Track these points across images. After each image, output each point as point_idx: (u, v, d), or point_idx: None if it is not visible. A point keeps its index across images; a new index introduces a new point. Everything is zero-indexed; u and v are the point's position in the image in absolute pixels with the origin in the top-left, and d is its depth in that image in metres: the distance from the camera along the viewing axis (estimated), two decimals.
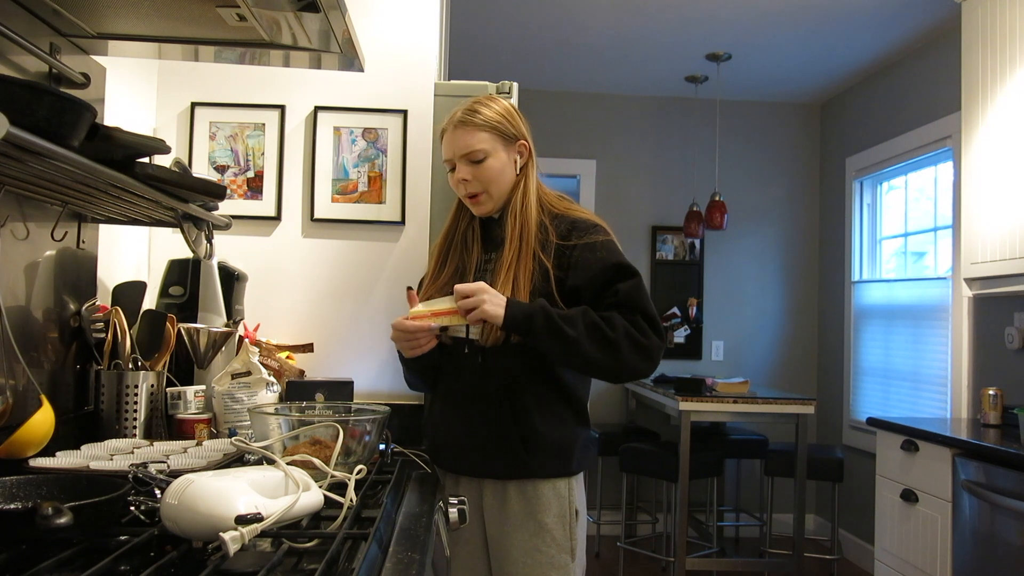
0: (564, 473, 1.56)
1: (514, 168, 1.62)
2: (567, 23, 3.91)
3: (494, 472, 1.56)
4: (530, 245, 1.56)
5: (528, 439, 1.53)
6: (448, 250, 1.68)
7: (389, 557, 1.02)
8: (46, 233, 1.50)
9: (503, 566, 1.54)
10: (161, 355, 1.69)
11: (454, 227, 1.69)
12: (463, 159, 1.59)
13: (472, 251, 1.66)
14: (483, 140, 1.58)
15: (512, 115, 1.63)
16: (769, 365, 4.99)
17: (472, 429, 1.57)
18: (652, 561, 4.30)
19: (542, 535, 1.52)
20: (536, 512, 1.53)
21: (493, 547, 1.56)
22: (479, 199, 1.60)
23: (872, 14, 3.68)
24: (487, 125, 1.58)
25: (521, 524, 1.53)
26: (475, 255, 1.65)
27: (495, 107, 1.61)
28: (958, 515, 2.58)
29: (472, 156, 1.58)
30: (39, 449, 1.30)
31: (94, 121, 1.16)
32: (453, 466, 1.63)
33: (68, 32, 1.51)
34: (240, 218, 2.05)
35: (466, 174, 1.59)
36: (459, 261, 1.66)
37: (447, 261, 1.67)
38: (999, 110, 2.88)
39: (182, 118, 2.13)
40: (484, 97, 1.64)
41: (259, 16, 1.39)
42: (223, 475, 1.00)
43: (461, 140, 1.59)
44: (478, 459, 1.57)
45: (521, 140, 1.63)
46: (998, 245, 2.86)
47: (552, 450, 1.55)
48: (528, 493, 1.54)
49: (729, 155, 4.99)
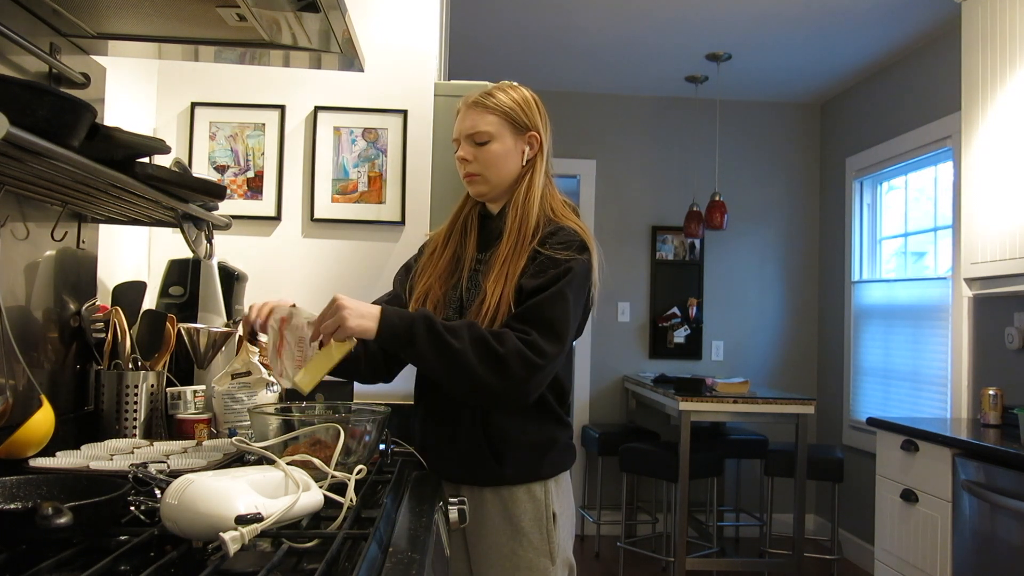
0: (538, 477, 1.54)
1: (520, 158, 1.58)
2: (567, 23, 3.91)
3: (469, 478, 1.55)
4: (527, 241, 1.52)
5: (500, 447, 1.51)
6: (449, 235, 1.66)
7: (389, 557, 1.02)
8: (46, 233, 1.50)
9: (483, 571, 1.53)
10: (161, 355, 1.69)
11: (459, 213, 1.67)
12: (468, 139, 1.57)
13: (469, 241, 1.63)
14: (491, 123, 1.56)
15: (529, 105, 1.60)
16: (769, 365, 4.99)
17: (447, 436, 1.55)
18: (652, 561, 4.30)
19: (519, 539, 1.51)
20: (512, 517, 1.51)
21: (473, 552, 1.55)
22: (475, 179, 1.58)
23: (872, 14, 3.68)
24: (499, 109, 1.56)
25: (499, 528, 1.52)
26: (471, 248, 1.62)
27: (512, 94, 1.59)
28: (958, 515, 2.58)
29: (476, 137, 1.56)
30: (39, 449, 1.30)
31: (94, 121, 1.16)
32: (434, 469, 1.62)
33: (68, 32, 1.51)
34: (240, 218, 2.05)
35: (467, 154, 1.57)
36: (457, 247, 1.64)
37: (447, 245, 1.64)
38: (999, 110, 2.88)
39: (182, 118, 2.13)
40: (506, 84, 1.62)
41: (259, 16, 1.39)
42: (223, 475, 1.00)
43: (469, 120, 1.57)
44: (454, 466, 1.56)
45: (532, 132, 1.59)
46: (998, 245, 2.86)
47: (525, 456, 1.53)
48: (504, 497, 1.53)
49: (729, 155, 4.99)
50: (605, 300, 4.97)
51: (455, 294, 1.58)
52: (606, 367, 4.98)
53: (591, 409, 4.96)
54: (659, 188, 5.01)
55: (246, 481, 1.00)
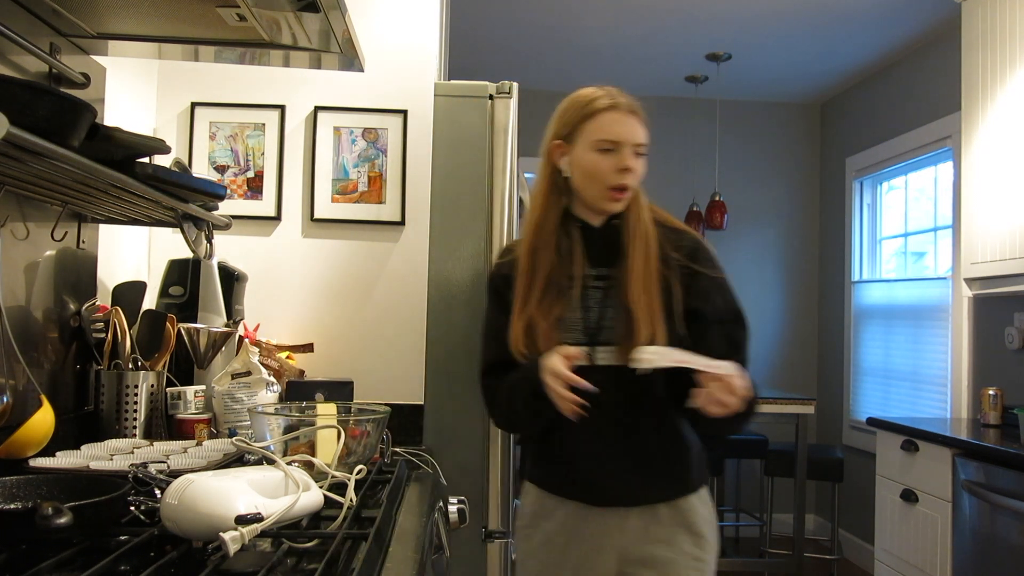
0: (705, 481, 1.55)
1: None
2: (567, 23, 3.91)
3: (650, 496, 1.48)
4: (656, 255, 1.47)
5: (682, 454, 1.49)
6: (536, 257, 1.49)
7: (389, 557, 1.02)
8: (46, 233, 1.50)
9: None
10: (161, 355, 1.69)
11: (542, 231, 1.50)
12: (633, 148, 1.47)
13: (574, 262, 1.49)
14: (647, 137, 1.49)
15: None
16: (769, 365, 4.99)
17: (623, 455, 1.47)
18: None
19: (702, 544, 1.49)
20: (693, 526, 1.49)
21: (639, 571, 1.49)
22: (626, 195, 1.48)
23: (872, 14, 3.68)
24: (647, 123, 1.50)
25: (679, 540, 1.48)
26: (579, 265, 1.49)
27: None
28: (958, 515, 2.58)
29: (639, 149, 1.48)
30: (39, 449, 1.30)
31: (94, 121, 1.16)
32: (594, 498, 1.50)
33: (68, 32, 1.51)
34: (240, 218, 2.05)
35: (636, 164, 1.47)
36: (552, 267, 1.48)
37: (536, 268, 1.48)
38: (999, 110, 2.88)
39: (182, 118, 2.13)
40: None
41: (259, 16, 1.39)
42: (223, 475, 1.00)
43: (637, 128, 1.47)
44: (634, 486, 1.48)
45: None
46: (998, 245, 2.86)
47: (699, 459, 1.53)
48: (681, 508, 1.49)
49: (729, 155, 4.99)
50: None
51: (574, 316, 1.48)
52: None
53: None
54: (659, 188, 4.98)
55: (246, 481, 1.00)
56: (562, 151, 1.51)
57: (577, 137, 1.48)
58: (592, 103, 1.48)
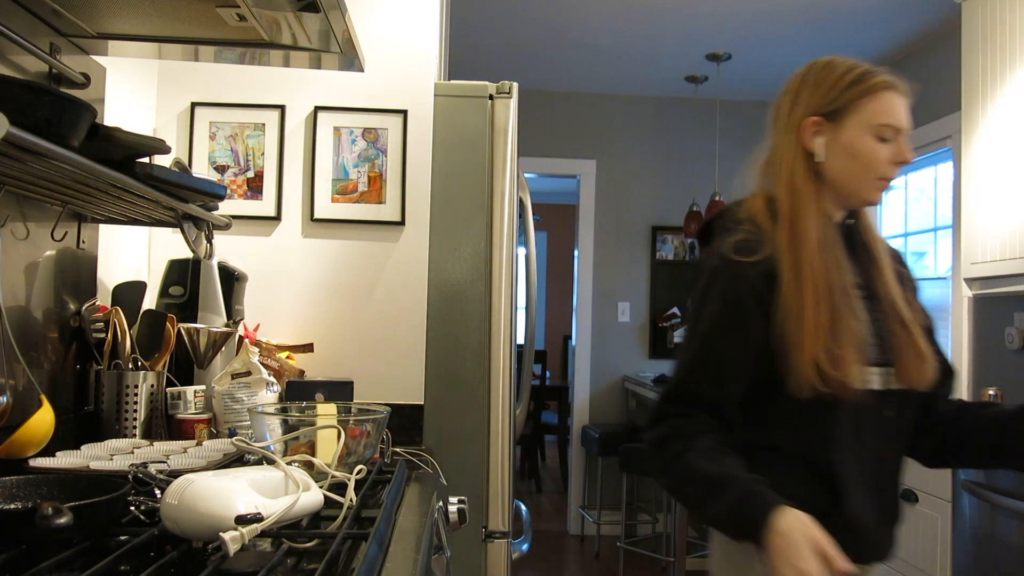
0: None
1: None
2: (567, 23, 3.91)
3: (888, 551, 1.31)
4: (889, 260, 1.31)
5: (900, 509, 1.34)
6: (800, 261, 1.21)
7: (389, 557, 1.02)
8: (46, 233, 1.50)
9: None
10: (161, 355, 1.69)
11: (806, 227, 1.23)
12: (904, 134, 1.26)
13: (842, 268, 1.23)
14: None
15: None
16: None
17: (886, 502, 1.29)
18: (652, 561, 4.30)
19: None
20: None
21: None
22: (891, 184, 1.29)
23: (872, 14, 3.68)
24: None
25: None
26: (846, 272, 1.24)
27: None
28: (958, 515, 2.58)
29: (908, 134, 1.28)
30: (39, 449, 1.30)
31: (94, 121, 1.16)
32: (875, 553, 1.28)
33: (68, 32, 1.51)
34: (240, 218, 2.05)
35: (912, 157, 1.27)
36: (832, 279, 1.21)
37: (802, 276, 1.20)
38: (999, 110, 2.88)
39: (182, 118, 2.13)
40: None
41: (259, 16, 1.39)
42: (223, 475, 1.00)
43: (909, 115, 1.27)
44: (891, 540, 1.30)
45: None
46: (998, 245, 2.86)
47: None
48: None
49: (729, 155, 4.99)
50: (605, 300, 4.97)
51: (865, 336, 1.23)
52: (606, 367, 4.98)
53: (591, 409, 4.96)
54: (659, 188, 5.01)
55: (246, 481, 1.00)
56: (819, 130, 1.27)
57: (848, 115, 1.25)
58: (869, 77, 1.26)
